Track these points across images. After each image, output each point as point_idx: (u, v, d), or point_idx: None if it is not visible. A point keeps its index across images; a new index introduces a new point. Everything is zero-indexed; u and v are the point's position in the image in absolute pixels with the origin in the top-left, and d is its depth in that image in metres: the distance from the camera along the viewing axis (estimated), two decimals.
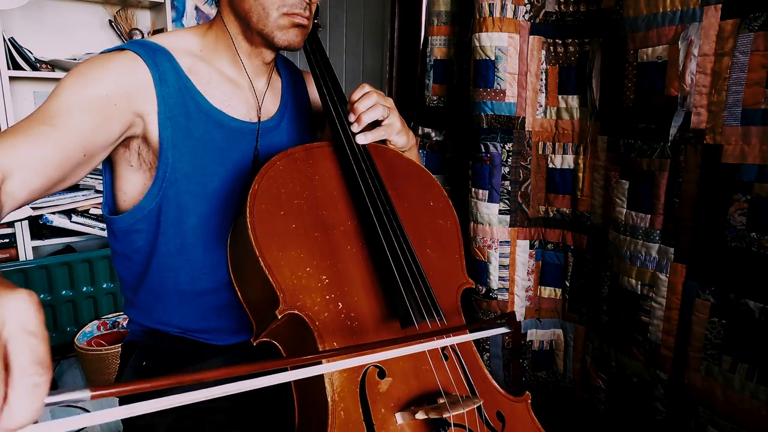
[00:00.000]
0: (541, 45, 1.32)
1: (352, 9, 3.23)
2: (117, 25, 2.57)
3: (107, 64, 0.79)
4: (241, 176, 0.89)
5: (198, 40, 0.90)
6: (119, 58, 0.80)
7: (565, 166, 1.34)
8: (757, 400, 0.98)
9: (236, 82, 0.91)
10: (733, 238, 1.00)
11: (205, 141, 0.85)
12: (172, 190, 0.84)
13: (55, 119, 0.71)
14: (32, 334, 0.34)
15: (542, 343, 1.45)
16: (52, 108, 0.73)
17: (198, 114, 0.85)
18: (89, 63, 0.79)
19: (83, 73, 0.77)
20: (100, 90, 0.76)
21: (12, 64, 2.19)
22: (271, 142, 0.95)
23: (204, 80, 0.87)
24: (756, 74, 0.95)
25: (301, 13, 0.84)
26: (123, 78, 0.79)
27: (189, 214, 0.86)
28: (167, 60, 0.83)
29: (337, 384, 0.67)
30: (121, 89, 0.78)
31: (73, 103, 0.74)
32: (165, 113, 0.81)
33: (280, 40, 0.85)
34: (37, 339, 0.34)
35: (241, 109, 0.91)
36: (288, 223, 0.74)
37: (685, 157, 1.06)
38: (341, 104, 0.90)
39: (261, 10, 0.83)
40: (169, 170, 0.83)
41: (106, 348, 2.04)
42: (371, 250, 0.78)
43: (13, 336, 0.34)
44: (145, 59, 0.80)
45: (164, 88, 0.81)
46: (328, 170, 0.84)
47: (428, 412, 0.66)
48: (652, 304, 1.14)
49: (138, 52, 0.81)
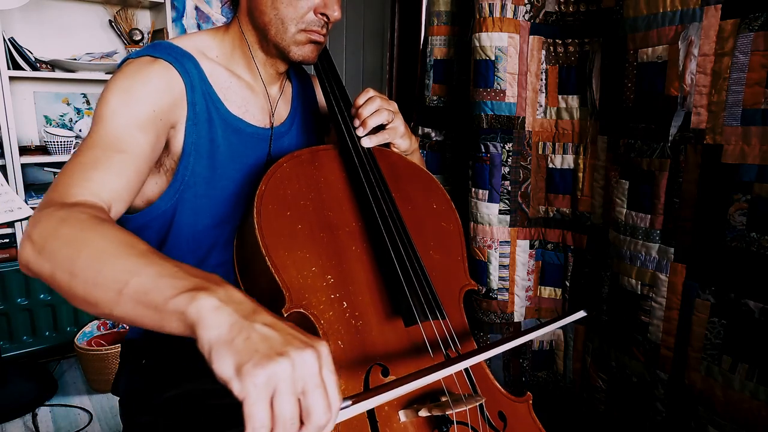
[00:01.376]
0: (541, 45, 1.32)
1: (352, 9, 3.23)
2: (117, 25, 2.57)
3: (148, 79, 0.78)
4: (255, 180, 0.90)
5: (216, 44, 0.90)
6: (157, 70, 0.79)
7: (565, 166, 1.34)
8: (757, 400, 0.99)
9: (253, 88, 0.92)
10: (733, 238, 1.00)
11: (225, 147, 0.86)
12: (189, 193, 0.85)
13: (123, 144, 0.72)
14: (334, 373, 0.47)
15: (542, 343, 1.45)
16: (113, 131, 0.73)
17: (219, 120, 0.86)
18: (130, 77, 0.78)
19: (127, 89, 0.77)
20: (147, 108, 0.76)
21: (12, 64, 2.19)
22: (282, 146, 0.96)
23: (224, 86, 0.88)
24: (756, 74, 0.95)
25: (319, 30, 0.85)
26: (164, 93, 0.79)
27: (204, 217, 0.87)
28: (194, 66, 0.83)
29: (341, 382, 0.67)
30: (164, 104, 0.79)
31: (130, 123, 0.74)
32: (192, 119, 0.82)
33: (296, 55, 0.87)
34: (335, 375, 0.47)
35: (258, 115, 0.92)
36: (294, 223, 0.75)
37: (685, 157, 1.06)
38: (346, 108, 0.92)
39: (280, 25, 0.84)
40: (188, 174, 0.84)
41: (106, 348, 2.04)
42: (375, 250, 0.79)
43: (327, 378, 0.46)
44: (177, 67, 0.81)
45: (194, 95, 0.82)
46: (333, 172, 0.85)
47: (431, 409, 0.67)
48: (652, 304, 1.14)
49: (170, 60, 0.80)
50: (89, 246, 0.55)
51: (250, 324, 0.46)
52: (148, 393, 0.89)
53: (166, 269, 0.52)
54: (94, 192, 0.67)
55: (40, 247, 0.58)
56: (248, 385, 0.42)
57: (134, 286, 0.51)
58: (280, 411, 0.42)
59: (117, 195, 0.70)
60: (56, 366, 2.25)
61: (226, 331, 0.45)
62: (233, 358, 0.43)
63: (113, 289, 0.52)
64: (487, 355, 0.67)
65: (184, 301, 0.47)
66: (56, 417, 1.96)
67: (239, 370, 0.42)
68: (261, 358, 0.42)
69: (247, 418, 0.42)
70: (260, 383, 0.42)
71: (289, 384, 0.43)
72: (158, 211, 0.85)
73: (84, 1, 2.51)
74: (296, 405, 0.43)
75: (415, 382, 0.56)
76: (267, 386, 0.42)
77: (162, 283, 0.50)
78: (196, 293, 0.48)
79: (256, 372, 0.42)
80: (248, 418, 0.42)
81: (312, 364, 0.45)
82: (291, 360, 0.43)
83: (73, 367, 2.26)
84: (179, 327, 0.48)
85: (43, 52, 2.41)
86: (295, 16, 0.83)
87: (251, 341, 0.44)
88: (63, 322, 2.28)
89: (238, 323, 0.46)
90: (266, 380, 0.42)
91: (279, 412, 0.42)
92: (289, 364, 0.43)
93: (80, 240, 0.56)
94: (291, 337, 0.46)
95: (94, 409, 2.01)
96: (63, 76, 2.35)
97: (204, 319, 0.46)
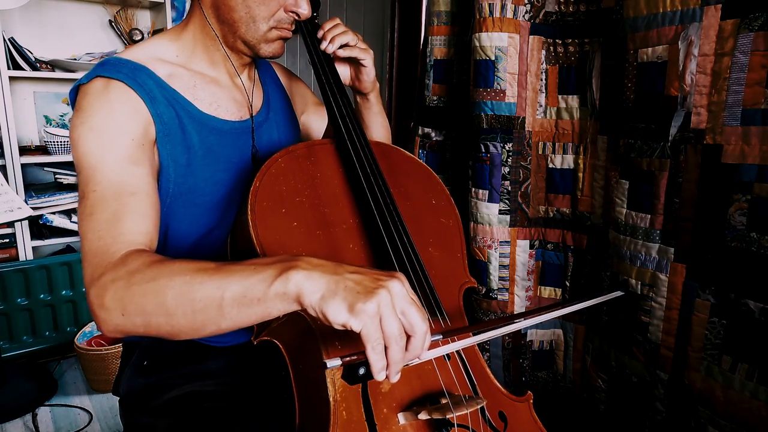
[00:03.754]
0: (541, 45, 1.32)
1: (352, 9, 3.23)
2: (117, 25, 2.57)
3: (111, 109, 0.76)
4: (244, 178, 0.88)
5: (172, 45, 0.87)
6: (115, 95, 0.76)
7: (565, 166, 1.34)
8: (757, 400, 0.99)
9: (219, 82, 0.89)
10: (733, 238, 1.00)
11: (204, 151, 0.84)
12: (177, 204, 0.83)
13: (128, 186, 0.72)
14: (415, 295, 0.57)
15: (542, 343, 1.45)
16: (112, 176, 0.72)
17: (191, 123, 0.83)
18: (93, 113, 0.75)
19: (99, 128, 0.74)
20: (126, 139, 0.75)
21: (12, 64, 2.19)
22: (264, 136, 0.93)
23: (188, 86, 0.85)
24: (756, 74, 0.95)
25: (288, 27, 0.85)
26: (132, 116, 0.77)
27: (198, 225, 0.86)
28: (148, 77, 0.80)
29: (339, 383, 0.66)
30: (138, 128, 0.77)
31: (121, 162, 0.73)
32: (162, 131, 0.79)
33: (265, 52, 0.86)
34: (417, 303, 0.56)
35: (231, 109, 0.89)
36: (290, 221, 0.74)
37: (685, 157, 1.06)
38: (342, 98, 0.89)
39: (251, 23, 0.82)
40: (172, 186, 0.81)
41: (106, 348, 2.04)
42: (373, 248, 0.78)
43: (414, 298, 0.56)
44: (131, 84, 0.77)
45: (156, 106, 0.79)
46: (330, 167, 0.83)
47: (431, 412, 0.66)
48: (652, 304, 1.14)
49: (122, 79, 0.77)
50: (169, 285, 0.59)
51: (340, 276, 0.55)
52: (149, 394, 0.89)
53: (246, 270, 0.58)
54: (132, 242, 0.68)
55: (121, 309, 0.61)
56: (363, 317, 0.52)
57: (230, 295, 0.57)
58: (389, 329, 0.53)
59: (150, 234, 0.71)
60: (56, 366, 2.24)
61: (325, 289, 0.54)
62: (343, 304, 0.52)
63: (213, 307, 0.58)
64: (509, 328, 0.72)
65: (281, 285, 0.55)
66: (56, 417, 1.96)
67: (352, 309, 0.52)
68: (364, 295, 0.52)
69: (366, 339, 0.52)
70: (372, 312, 0.52)
71: (389, 307, 0.53)
72: None
73: (84, 1, 2.51)
74: (399, 322, 0.53)
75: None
76: (376, 313, 0.52)
77: (252, 282, 0.56)
78: (286, 273, 0.55)
79: (366, 306, 0.52)
80: (366, 338, 0.52)
81: (401, 289, 0.55)
82: (387, 290, 0.53)
83: (73, 367, 2.26)
84: (285, 306, 0.56)
85: (43, 52, 2.40)
86: (267, 15, 0.82)
87: (349, 287, 0.53)
88: (63, 322, 2.28)
89: (332, 279, 0.54)
90: (375, 309, 0.52)
91: (388, 330, 0.53)
92: (386, 293, 0.53)
93: (157, 284, 0.60)
94: (377, 274, 0.56)
95: (94, 409, 2.01)
96: (63, 76, 2.35)
97: (304, 290, 0.54)
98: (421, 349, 0.56)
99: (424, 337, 0.56)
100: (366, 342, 0.52)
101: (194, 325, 0.59)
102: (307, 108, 1.13)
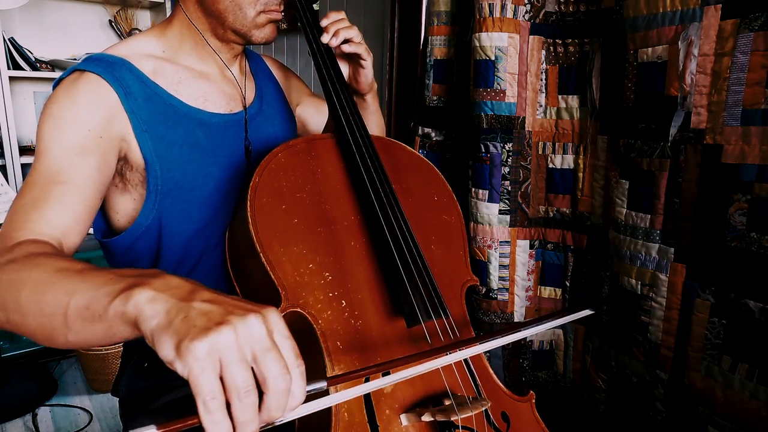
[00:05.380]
0: (541, 45, 1.32)
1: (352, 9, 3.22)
2: (117, 25, 2.57)
3: (75, 98, 0.75)
4: (236, 172, 0.87)
5: (158, 41, 0.87)
6: (83, 86, 0.76)
7: (565, 166, 1.34)
8: (757, 400, 0.99)
9: (208, 76, 0.88)
10: (733, 238, 1.00)
11: (190, 144, 0.83)
12: (167, 201, 0.82)
13: (62, 175, 0.70)
14: (288, 337, 0.46)
15: (542, 343, 1.45)
16: (50, 164, 0.71)
17: (175, 118, 0.82)
18: (57, 102, 0.75)
19: (57, 116, 0.74)
20: (82, 129, 0.73)
21: (12, 64, 2.19)
22: (258, 129, 0.92)
23: (173, 81, 0.84)
24: (756, 74, 0.95)
25: (276, 9, 0.83)
26: (95, 107, 0.75)
27: (191, 222, 0.85)
28: (128, 70, 0.79)
29: (341, 385, 0.66)
30: (99, 120, 0.75)
31: (67, 151, 0.72)
32: (140, 127, 0.78)
33: (258, 38, 0.85)
34: (291, 340, 0.46)
35: (221, 102, 0.88)
36: (290, 217, 0.72)
37: (685, 157, 1.06)
38: (344, 91, 0.87)
39: (238, 11, 0.81)
40: (160, 183, 0.80)
41: (106, 348, 2.04)
42: (375, 246, 0.76)
43: (280, 342, 0.45)
44: (105, 77, 0.76)
45: (131, 102, 0.78)
46: (331, 163, 0.81)
47: (435, 414, 0.65)
48: (652, 304, 1.14)
49: (96, 71, 0.76)
50: (28, 282, 0.54)
51: (187, 304, 0.44)
52: (149, 395, 0.89)
53: (101, 279, 0.50)
54: (36, 231, 0.65)
55: None
56: (189, 360, 0.40)
57: (75, 304, 0.49)
58: (231, 380, 0.41)
59: (65, 228, 0.68)
60: (56, 366, 2.24)
61: (163, 316, 0.44)
62: (172, 340, 0.42)
63: (59, 315, 0.50)
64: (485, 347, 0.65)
65: (120, 304, 0.46)
66: (56, 417, 1.96)
67: (178, 349, 0.41)
68: (199, 331, 0.41)
69: (195, 391, 0.40)
70: (201, 355, 0.40)
71: (234, 351, 0.41)
72: (142, 227, 0.82)
73: (84, 1, 2.51)
74: (249, 372, 0.42)
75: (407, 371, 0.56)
76: (210, 357, 0.40)
77: (99, 294, 0.48)
78: (131, 291, 0.46)
79: (194, 345, 0.40)
80: (196, 390, 0.40)
81: (257, 328, 0.43)
82: (233, 327, 0.42)
83: (73, 367, 2.26)
84: (127, 330, 0.47)
85: (43, 52, 2.40)
86: (252, 0, 0.81)
87: (189, 319, 0.43)
88: None
89: (175, 306, 0.44)
90: (207, 351, 0.40)
91: (230, 381, 0.41)
92: (231, 332, 0.41)
93: (19, 279, 0.55)
94: (233, 306, 0.45)
95: (94, 409, 2.01)
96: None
97: (142, 313, 0.45)
98: (281, 411, 0.43)
99: (282, 396, 0.43)
100: (194, 395, 0.40)
101: (44, 331, 0.53)
102: (302, 100, 1.12)
